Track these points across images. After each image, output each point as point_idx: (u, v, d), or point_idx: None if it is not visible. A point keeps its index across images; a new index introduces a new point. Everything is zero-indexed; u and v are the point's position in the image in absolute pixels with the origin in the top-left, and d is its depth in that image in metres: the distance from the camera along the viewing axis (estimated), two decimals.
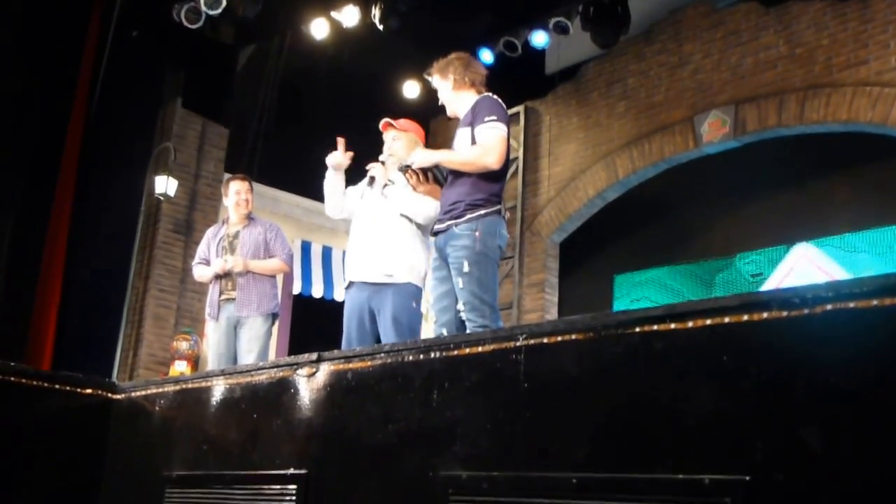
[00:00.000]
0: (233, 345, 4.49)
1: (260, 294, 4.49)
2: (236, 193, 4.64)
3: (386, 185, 3.63)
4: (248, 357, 4.38)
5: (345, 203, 3.75)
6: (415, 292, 3.55)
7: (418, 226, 3.58)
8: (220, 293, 4.52)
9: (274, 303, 4.57)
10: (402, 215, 3.56)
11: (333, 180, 3.73)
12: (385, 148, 3.72)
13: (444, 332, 3.18)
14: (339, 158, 3.68)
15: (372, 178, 3.65)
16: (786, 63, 6.85)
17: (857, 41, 6.48)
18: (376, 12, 7.17)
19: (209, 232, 4.84)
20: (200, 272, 4.69)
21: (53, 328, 6.67)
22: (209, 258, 4.64)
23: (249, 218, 4.68)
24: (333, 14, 7.38)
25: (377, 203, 3.62)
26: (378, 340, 3.53)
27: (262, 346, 4.45)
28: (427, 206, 3.50)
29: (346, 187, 3.78)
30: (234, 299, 4.47)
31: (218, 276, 4.52)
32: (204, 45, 7.27)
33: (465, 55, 3.46)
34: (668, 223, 7.43)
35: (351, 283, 3.60)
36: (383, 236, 3.54)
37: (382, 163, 3.68)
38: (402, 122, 3.79)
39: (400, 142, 3.68)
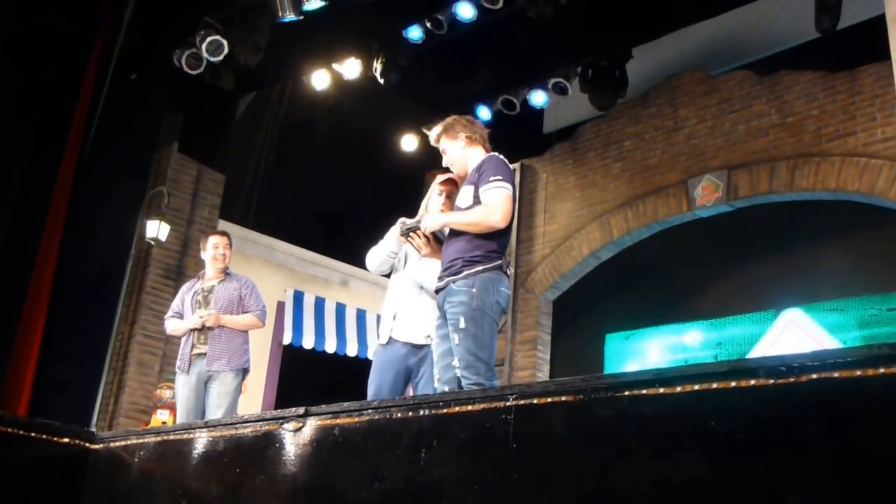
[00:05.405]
0: (202, 400, 4.48)
1: (231, 349, 4.50)
2: (214, 247, 4.67)
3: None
4: (216, 413, 4.35)
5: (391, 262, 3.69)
6: None
7: None
8: (192, 347, 4.52)
9: (244, 358, 4.57)
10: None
11: (392, 247, 3.62)
12: (433, 202, 3.57)
13: (447, 389, 3.13)
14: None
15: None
16: (777, 131, 6.99)
17: (845, 113, 6.63)
18: (377, 66, 7.28)
19: (184, 286, 4.87)
20: (174, 325, 4.69)
21: (33, 370, 6.51)
22: (183, 312, 4.66)
23: (226, 273, 4.70)
24: (335, 66, 7.49)
25: (421, 265, 3.60)
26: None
27: (232, 401, 4.44)
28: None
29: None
30: (205, 354, 4.47)
31: (191, 330, 4.53)
32: (203, 91, 7.24)
33: (463, 116, 3.49)
34: (661, 284, 7.45)
35: (391, 339, 3.56)
36: (428, 300, 3.53)
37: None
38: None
39: (441, 198, 3.55)
